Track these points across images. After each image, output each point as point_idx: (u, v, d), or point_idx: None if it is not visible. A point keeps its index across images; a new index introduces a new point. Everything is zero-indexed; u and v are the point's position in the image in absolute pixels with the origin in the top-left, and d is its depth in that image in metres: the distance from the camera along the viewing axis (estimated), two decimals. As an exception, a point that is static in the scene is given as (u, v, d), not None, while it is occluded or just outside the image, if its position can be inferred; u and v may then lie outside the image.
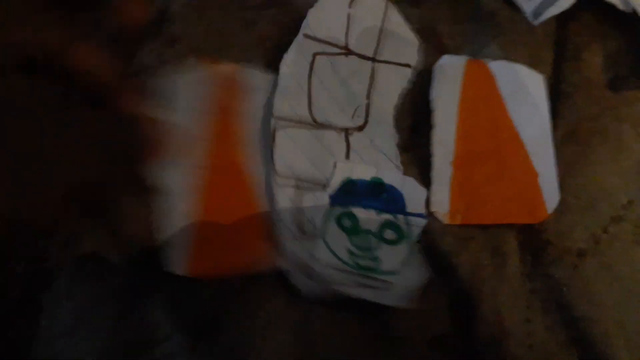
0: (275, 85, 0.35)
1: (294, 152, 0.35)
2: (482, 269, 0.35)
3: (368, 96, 0.36)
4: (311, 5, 0.37)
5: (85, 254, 0.33)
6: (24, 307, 0.33)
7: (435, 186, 0.35)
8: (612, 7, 0.38)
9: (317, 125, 0.36)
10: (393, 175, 0.35)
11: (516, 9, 0.38)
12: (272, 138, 0.35)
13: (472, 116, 0.36)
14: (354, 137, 0.36)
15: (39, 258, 0.33)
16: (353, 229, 0.34)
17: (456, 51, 0.38)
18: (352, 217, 0.34)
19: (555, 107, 0.38)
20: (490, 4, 0.38)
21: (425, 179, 0.36)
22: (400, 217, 0.34)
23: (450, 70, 0.36)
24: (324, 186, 0.34)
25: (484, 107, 0.36)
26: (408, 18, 0.38)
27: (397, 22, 0.37)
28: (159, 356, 0.32)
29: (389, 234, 0.34)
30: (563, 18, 0.39)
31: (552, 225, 0.37)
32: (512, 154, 0.36)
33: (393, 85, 0.36)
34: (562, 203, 0.36)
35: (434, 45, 0.38)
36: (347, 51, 0.37)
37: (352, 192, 0.35)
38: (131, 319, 0.33)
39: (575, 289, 0.36)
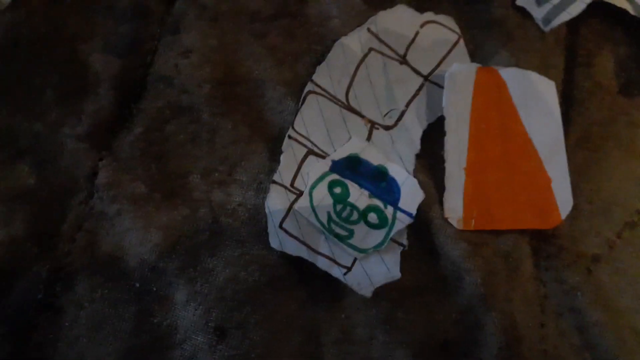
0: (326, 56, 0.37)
1: (317, 118, 0.36)
2: (495, 274, 0.35)
3: (407, 105, 0.37)
4: (325, 17, 0.38)
5: (105, 257, 0.34)
6: (48, 309, 0.33)
7: (448, 192, 0.35)
8: (623, 12, 0.38)
9: (348, 107, 0.37)
10: (398, 170, 0.36)
11: (527, 15, 0.38)
12: (303, 99, 0.36)
13: (484, 123, 0.36)
14: (378, 133, 0.37)
15: (61, 261, 0.34)
16: (340, 198, 0.35)
17: (467, 58, 0.38)
18: (345, 187, 0.35)
19: (567, 113, 0.38)
20: (501, 11, 0.38)
21: (437, 185, 0.36)
22: (390, 208, 0.35)
23: (461, 78, 0.36)
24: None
25: (496, 114, 0.36)
26: (418, 26, 0.38)
27: (462, 56, 0.38)
28: (179, 357, 0.33)
29: (372, 217, 0.35)
30: (574, 24, 0.39)
31: (565, 231, 0.37)
32: (524, 160, 0.36)
33: (437, 107, 0.37)
34: (576, 208, 0.36)
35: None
36: (403, 61, 0.38)
37: (354, 168, 0.36)
38: (150, 320, 0.33)
39: (589, 294, 0.36)
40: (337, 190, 0.35)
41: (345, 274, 0.34)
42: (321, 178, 0.35)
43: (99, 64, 0.36)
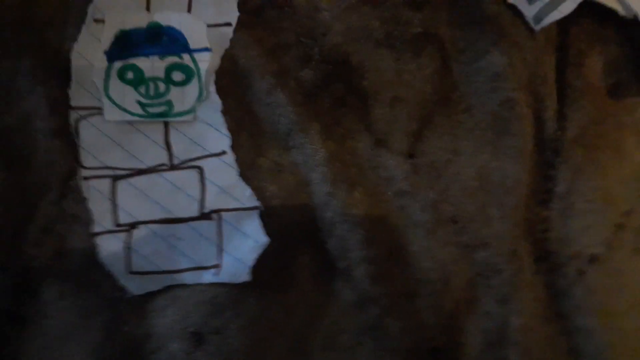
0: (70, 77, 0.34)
1: (100, 141, 0.33)
2: (483, 278, 0.34)
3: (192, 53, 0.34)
4: (313, 9, 0.36)
5: (76, 263, 0.32)
6: (12, 318, 0.31)
7: None
8: (614, 12, 0.38)
9: None
10: (168, 16, 0.34)
11: (518, 13, 0.37)
12: (75, 131, 0.33)
13: None
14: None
15: (27, 268, 0.32)
16: (138, 80, 0.33)
17: (458, 55, 0.37)
18: (135, 68, 0.33)
19: (562, 111, 0.38)
20: (492, 8, 0.37)
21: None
22: (186, 55, 0.33)
23: None
24: (140, 171, 0.33)
25: None
26: (409, 22, 0.37)
27: None
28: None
29: (177, 76, 0.33)
30: (565, 23, 0.39)
31: (556, 233, 0.36)
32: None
33: (215, 48, 0.34)
34: (569, 208, 0.35)
35: (436, 49, 0.37)
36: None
37: (128, 44, 0.33)
38: (122, 330, 0.32)
39: (577, 297, 0.35)
40: (130, 75, 0.33)
41: (217, 273, 0.32)
42: (107, 75, 0.33)
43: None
